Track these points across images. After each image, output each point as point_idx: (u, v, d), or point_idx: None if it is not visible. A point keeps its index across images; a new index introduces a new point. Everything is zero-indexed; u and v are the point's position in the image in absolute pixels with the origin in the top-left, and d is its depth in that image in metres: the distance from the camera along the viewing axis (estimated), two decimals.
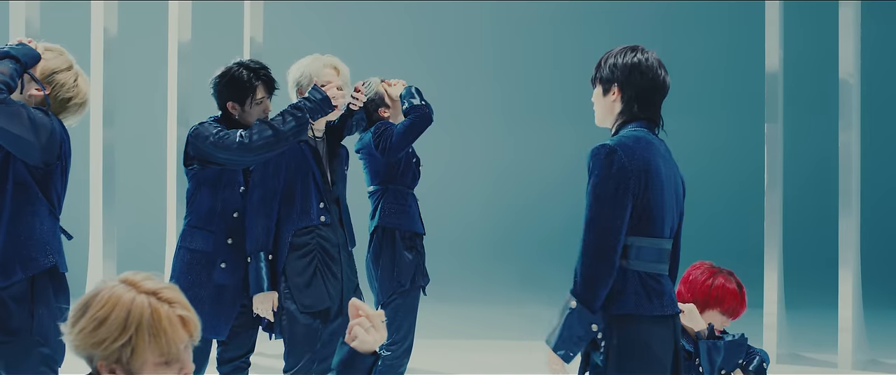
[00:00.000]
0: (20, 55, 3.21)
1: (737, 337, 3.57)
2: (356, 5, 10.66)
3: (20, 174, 3.26)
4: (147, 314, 2.04)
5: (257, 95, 3.94)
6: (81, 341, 2.02)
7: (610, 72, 3.12)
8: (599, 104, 3.17)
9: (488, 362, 6.68)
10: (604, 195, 3.01)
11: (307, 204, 3.97)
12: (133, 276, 2.08)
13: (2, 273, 3.21)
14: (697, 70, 11.12)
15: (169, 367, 2.06)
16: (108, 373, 2.04)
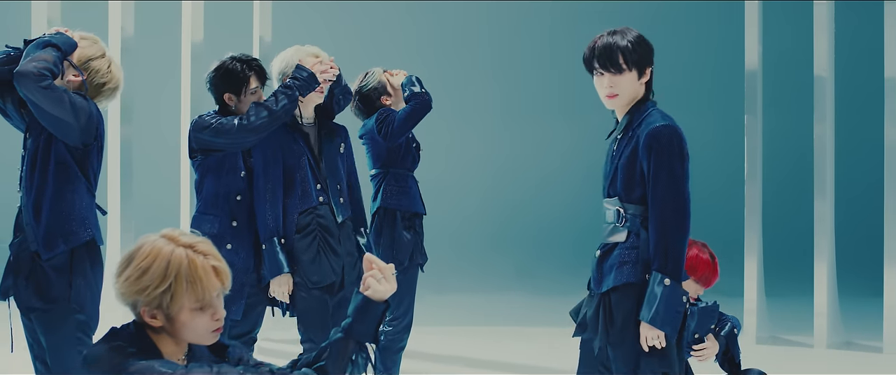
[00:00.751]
0: (60, 43, 3.35)
1: (710, 304, 3.68)
2: (359, 6, 10.54)
3: (61, 154, 3.39)
4: (185, 264, 2.22)
5: (251, 85, 4.04)
6: (126, 289, 2.22)
7: (645, 55, 3.08)
8: (631, 87, 3.09)
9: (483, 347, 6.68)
10: (680, 173, 3.01)
11: (307, 187, 4.07)
12: (171, 232, 2.27)
13: (45, 245, 3.35)
14: (683, 67, 11.00)
15: (203, 312, 2.25)
16: (149, 318, 2.23)
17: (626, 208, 3.06)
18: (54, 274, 3.36)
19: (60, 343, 3.35)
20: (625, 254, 3.02)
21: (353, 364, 2.33)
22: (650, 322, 2.93)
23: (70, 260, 3.38)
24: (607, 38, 3.09)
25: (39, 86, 3.21)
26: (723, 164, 10.35)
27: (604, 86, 3.08)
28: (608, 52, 3.05)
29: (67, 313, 3.36)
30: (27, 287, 3.36)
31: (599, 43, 3.09)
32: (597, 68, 3.09)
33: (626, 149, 3.09)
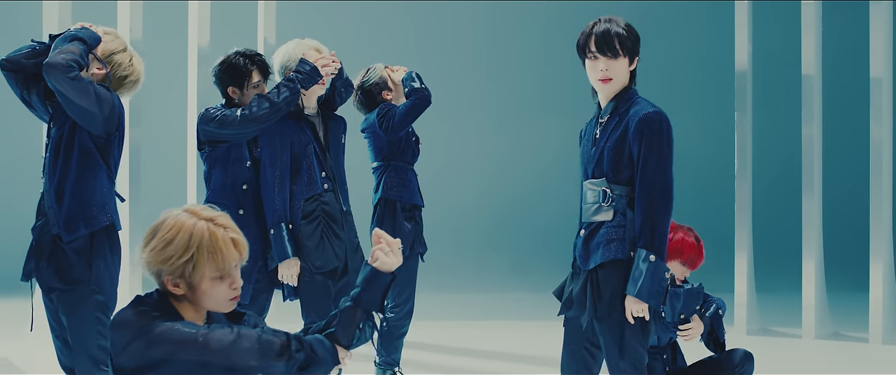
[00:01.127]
0: (86, 37, 3.46)
1: (695, 287, 3.75)
2: (359, 7, 10.52)
3: (84, 143, 3.49)
4: (206, 236, 2.35)
5: (253, 79, 4.15)
6: (152, 259, 2.35)
7: (636, 44, 3.21)
8: (623, 73, 3.19)
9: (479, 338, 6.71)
10: (667, 155, 3.13)
11: (313, 174, 4.15)
12: (193, 207, 2.41)
13: (67, 229, 3.45)
14: (674, 67, 11.00)
15: (222, 281, 2.38)
16: (172, 286, 2.36)
17: (612, 188, 3.16)
18: (75, 256, 3.46)
19: (80, 322, 3.45)
20: (612, 232, 3.13)
21: (360, 330, 2.46)
22: (636, 295, 3.05)
23: (90, 244, 3.48)
24: (604, 24, 3.20)
25: (67, 77, 3.32)
26: (713, 162, 10.32)
27: (599, 69, 3.18)
28: (606, 37, 3.16)
29: (87, 294, 3.46)
30: (48, 268, 3.47)
31: (597, 28, 3.19)
32: (593, 52, 3.18)
33: (614, 133, 3.19)
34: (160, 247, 2.34)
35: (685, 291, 3.65)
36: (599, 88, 3.22)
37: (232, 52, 4.21)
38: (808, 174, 6.99)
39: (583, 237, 3.22)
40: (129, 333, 2.30)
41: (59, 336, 3.55)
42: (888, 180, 6.88)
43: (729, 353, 3.96)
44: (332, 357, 2.39)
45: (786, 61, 9.03)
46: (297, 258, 4.06)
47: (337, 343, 2.41)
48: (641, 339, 3.14)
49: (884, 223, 6.74)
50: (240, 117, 3.98)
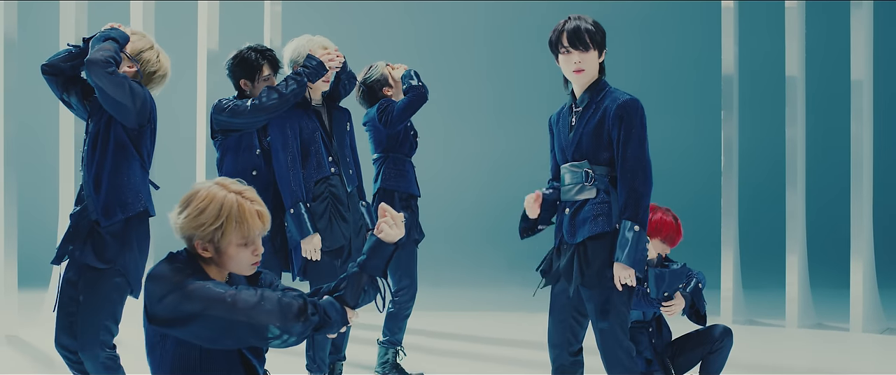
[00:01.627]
0: (118, 37, 3.67)
1: (678, 267, 4.02)
2: (361, 9, 10.66)
3: (119, 135, 3.67)
4: (235, 207, 2.58)
5: (264, 72, 4.39)
6: (185, 225, 2.58)
7: (603, 37, 3.46)
8: (594, 64, 3.45)
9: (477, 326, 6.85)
10: (645, 138, 3.41)
11: (320, 159, 4.36)
12: (223, 180, 2.65)
13: (105, 215, 3.62)
14: (664, 71, 11.11)
15: (246, 248, 2.62)
16: (202, 250, 2.60)
17: (594, 169, 3.43)
18: (111, 238, 3.63)
19: (97, 301, 3.61)
20: (598, 208, 3.39)
21: (365, 293, 2.68)
22: (624, 262, 3.31)
23: (125, 229, 3.66)
24: (574, 21, 3.46)
25: (105, 72, 3.52)
26: (701, 163, 10.37)
27: (572, 62, 3.44)
28: (577, 33, 3.42)
29: (111, 275, 3.63)
30: (85, 249, 3.61)
31: (568, 25, 3.45)
32: (566, 47, 3.43)
33: (592, 119, 3.45)
34: (194, 215, 2.57)
35: (669, 271, 3.92)
36: (574, 79, 3.48)
37: (244, 47, 4.44)
38: (792, 172, 7.14)
39: (568, 215, 3.45)
40: (165, 285, 2.52)
41: (68, 313, 3.66)
42: (868, 179, 7.01)
43: (709, 328, 4.18)
44: (342, 317, 2.62)
45: (771, 64, 9.17)
46: (318, 234, 4.21)
47: (345, 304, 2.64)
48: (626, 302, 3.39)
49: (864, 219, 6.89)
50: (250, 107, 4.20)
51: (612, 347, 3.39)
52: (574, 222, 3.43)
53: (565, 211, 3.48)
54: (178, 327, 2.50)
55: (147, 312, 2.56)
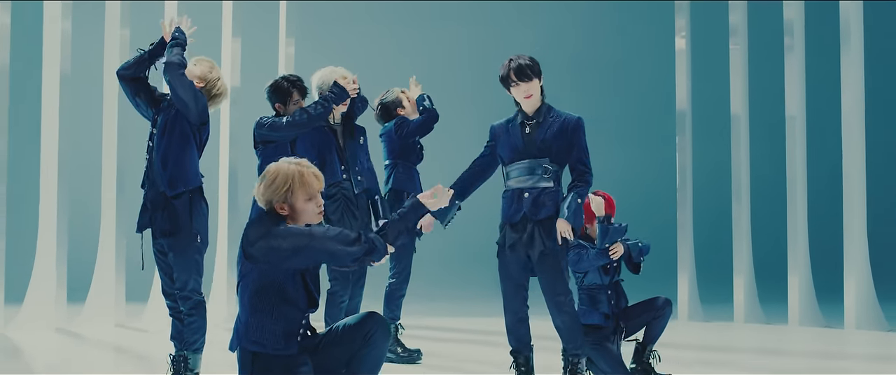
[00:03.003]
0: (181, 41, 4.45)
1: (619, 225, 4.77)
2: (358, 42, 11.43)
3: (183, 127, 4.41)
4: (296, 173, 3.41)
5: (293, 97, 5.11)
6: (264, 193, 3.41)
7: (539, 69, 4.41)
8: (538, 90, 4.43)
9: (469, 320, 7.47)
10: (586, 145, 4.42)
11: (334, 167, 5.10)
12: (286, 158, 3.48)
13: (170, 186, 4.37)
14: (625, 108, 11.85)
15: (311, 201, 3.42)
16: (280, 209, 3.40)
17: (551, 166, 4.41)
18: (180, 208, 4.38)
19: (184, 258, 4.37)
20: (553, 195, 4.40)
21: (400, 234, 3.52)
22: (566, 219, 4.31)
23: (190, 200, 4.41)
24: (517, 61, 4.42)
25: (178, 74, 4.33)
26: (658, 190, 10.95)
27: (522, 91, 4.41)
28: (521, 69, 4.39)
29: (191, 239, 4.39)
30: (162, 218, 4.37)
31: (513, 64, 4.42)
32: (515, 81, 4.39)
33: (548, 131, 4.43)
34: (268, 185, 3.42)
35: (612, 227, 4.75)
36: (524, 103, 4.47)
37: (279, 77, 5.25)
38: (737, 192, 7.93)
39: (529, 198, 4.40)
40: (261, 229, 3.34)
41: (164, 271, 4.46)
42: (802, 198, 7.74)
43: (653, 299, 4.95)
44: (384, 249, 3.47)
45: (718, 98, 9.77)
46: None
47: (386, 240, 3.49)
48: (566, 266, 4.40)
49: (798, 232, 7.64)
50: (285, 123, 4.98)
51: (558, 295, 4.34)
52: (536, 204, 4.39)
53: (525, 195, 4.41)
54: (270, 257, 3.29)
55: (243, 252, 3.36)
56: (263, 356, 3.34)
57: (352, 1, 11.79)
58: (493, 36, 11.95)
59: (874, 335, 7.05)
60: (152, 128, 4.56)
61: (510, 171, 4.49)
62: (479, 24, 12.19)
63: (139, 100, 4.58)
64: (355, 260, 3.41)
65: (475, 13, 12.22)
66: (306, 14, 10.40)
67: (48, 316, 6.94)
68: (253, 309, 3.37)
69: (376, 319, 3.42)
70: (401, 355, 5.61)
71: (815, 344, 6.70)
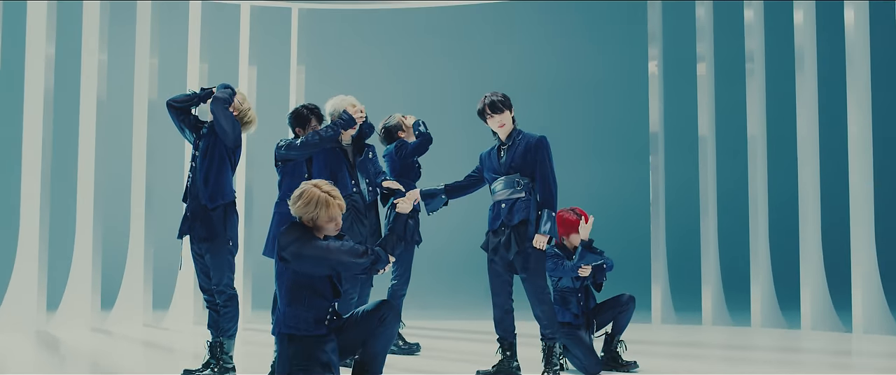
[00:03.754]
0: (233, 90, 5.16)
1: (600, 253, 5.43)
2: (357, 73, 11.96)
3: (221, 151, 5.09)
4: (325, 201, 4.10)
5: (311, 123, 5.74)
6: (297, 210, 4.11)
7: (510, 102, 5.12)
8: (509, 120, 5.13)
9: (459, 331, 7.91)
10: (551, 161, 5.06)
11: (345, 182, 5.70)
12: (318, 182, 4.15)
13: (210, 200, 5.02)
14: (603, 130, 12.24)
15: (331, 222, 4.11)
16: (307, 222, 4.09)
17: (522, 179, 5.09)
18: (216, 218, 5.06)
19: (219, 259, 5.05)
20: (525, 203, 5.07)
21: (395, 245, 4.26)
22: (542, 233, 4.98)
23: (224, 211, 5.09)
24: (490, 97, 5.13)
25: (224, 107, 5.06)
26: (633, 205, 11.41)
27: (496, 122, 5.12)
28: (494, 104, 5.12)
29: (224, 243, 5.07)
30: (201, 226, 5.03)
31: (487, 100, 5.13)
32: (490, 114, 5.11)
33: (516, 151, 5.09)
34: (302, 205, 4.13)
35: (589, 255, 5.46)
36: (499, 131, 5.18)
37: (300, 106, 5.88)
38: (705, 206, 8.41)
39: (505, 207, 5.10)
40: (291, 237, 4.04)
41: (202, 271, 5.13)
42: (763, 212, 8.19)
43: (619, 296, 5.63)
44: (386, 259, 4.18)
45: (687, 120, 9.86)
46: None
47: (386, 250, 4.24)
48: (541, 259, 5.05)
49: (760, 244, 8.12)
50: (300, 144, 5.58)
51: (536, 287, 5.04)
52: (511, 211, 5.09)
53: (502, 205, 5.12)
54: (297, 261, 4.01)
55: (278, 254, 4.06)
56: (298, 337, 4.06)
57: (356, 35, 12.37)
58: (480, 66, 12.48)
59: (829, 335, 7.56)
60: (194, 150, 5.22)
61: (493, 188, 5.21)
62: (466, 57, 12.71)
63: (184, 126, 5.26)
64: (364, 269, 4.14)
65: (464, 47, 12.77)
66: (315, 44, 10.89)
67: (84, 317, 7.65)
68: (289, 301, 4.10)
69: (389, 306, 4.14)
70: (402, 347, 6.25)
71: (774, 343, 7.15)
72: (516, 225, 5.10)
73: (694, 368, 5.74)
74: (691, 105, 9.00)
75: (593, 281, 5.62)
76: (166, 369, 5.59)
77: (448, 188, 5.34)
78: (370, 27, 12.69)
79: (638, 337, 7.17)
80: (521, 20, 12.99)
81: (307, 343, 4.07)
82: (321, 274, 4.09)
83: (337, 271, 4.15)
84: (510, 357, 5.21)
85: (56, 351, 6.52)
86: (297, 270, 4.06)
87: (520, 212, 5.10)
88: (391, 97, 11.98)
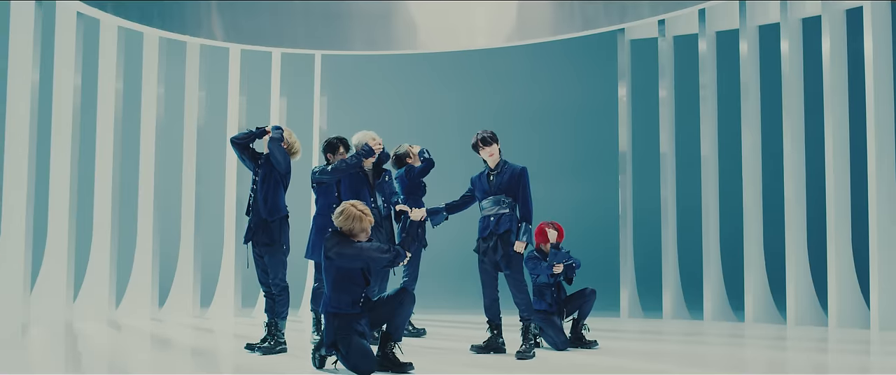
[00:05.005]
0: (282, 130, 6.25)
1: (566, 252, 6.49)
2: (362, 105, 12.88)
3: (276, 176, 6.18)
4: (359, 218, 5.32)
5: (339, 151, 6.76)
6: (340, 221, 5.31)
7: (497, 137, 6.14)
8: (497, 151, 6.10)
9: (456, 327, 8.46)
10: (529, 186, 6.07)
11: (365, 199, 6.63)
12: (355, 202, 5.35)
13: (269, 214, 6.09)
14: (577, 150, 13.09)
15: (363, 232, 5.30)
16: (346, 232, 5.28)
17: (506, 199, 6.12)
18: (274, 228, 6.18)
19: (275, 260, 6.16)
20: (509, 217, 6.09)
21: (411, 244, 5.50)
22: (521, 240, 6.06)
23: (280, 223, 6.20)
24: (481, 134, 6.13)
25: (279, 144, 6.17)
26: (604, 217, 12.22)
27: (487, 153, 6.14)
28: (485, 139, 6.14)
29: (279, 248, 6.19)
30: (261, 235, 6.14)
31: (479, 136, 6.14)
32: (481, 147, 6.11)
33: (504, 177, 6.10)
34: (342, 219, 5.33)
35: (559, 253, 6.55)
36: (489, 161, 6.21)
37: (332, 137, 6.89)
38: (665, 218, 9.27)
39: (494, 220, 6.13)
40: (334, 241, 5.28)
41: (261, 268, 6.25)
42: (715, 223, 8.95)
43: (583, 289, 6.73)
44: (404, 255, 5.37)
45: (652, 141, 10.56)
46: None
47: (404, 249, 5.46)
48: (520, 261, 6.09)
49: (711, 250, 8.87)
50: (331, 169, 6.65)
51: (516, 281, 6.06)
52: (498, 223, 6.15)
53: (490, 218, 6.16)
54: (339, 259, 5.24)
55: (325, 254, 5.28)
56: (340, 314, 5.39)
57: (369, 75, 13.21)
58: (475, 102, 13.30)
59: (768, 326, 8.38)
60: (254, 176, 6.36)
61: (483, 204, 6.31)
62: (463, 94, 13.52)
63: (245, 158, 6.40)
64: (388, 263, 5.37)
65: (461, 85, 13.56)
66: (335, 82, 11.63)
67: (145, 309, 8.99)
68: (333, 288, 5.44)
69: (406, 291, 5.43)
70: (411, 331, 7.41)
71: (723, 331, 7.98)
72: (502, 234, 6.14)
73: (650, 349, 6.69)
74: (655, 128, 9.70)
75: (565, 277, 6.73)
76: (226, 349, 6.81)
77: (448, 206, 6.44)
78: (381, 69, 13.52)
79: (608, 327, 8.20)
80: (510, 61, 13.77)
81: (346, 319, 5.38)
82: (356, 267, 5.35)
83: (368, 264, 5.38)
84: (497, 335, 6.39)
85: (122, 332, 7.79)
86: (339, 265, 5.34)
87: (504, 224, 6.15)
88: (399, 127, 12.88)
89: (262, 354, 6.27)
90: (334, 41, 10.17)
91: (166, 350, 6.72)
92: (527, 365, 5.88)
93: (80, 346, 6.92)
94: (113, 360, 6.18)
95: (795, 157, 8.61)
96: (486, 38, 10.34)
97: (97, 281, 8.73)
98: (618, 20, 9.65)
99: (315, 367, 5.55)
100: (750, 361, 6.14)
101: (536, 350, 6.50)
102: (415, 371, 5.44)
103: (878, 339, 7.41)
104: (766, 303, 8.83)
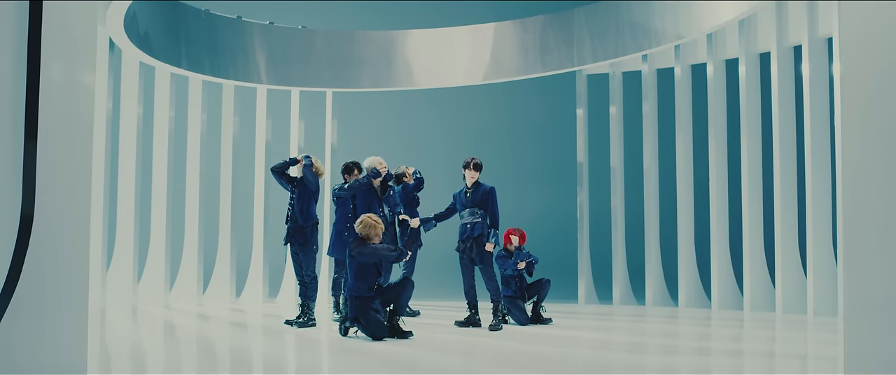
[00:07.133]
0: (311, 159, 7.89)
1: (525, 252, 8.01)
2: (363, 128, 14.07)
3: (308, 193, 7.60)
4: (374, 227, 7.07)
5: (354, 172, 8.09)
6: (358, 229, 7.07)
7: (481, 164, 7.76)
8: (476, 176, 7.43)
9: None
10: (496, 201, 7.53)
11: (375, 210, 7.84)
12: (370, 215, 7.08)
13: (304, 221, 7.57)
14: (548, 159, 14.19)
15: (376, 237, 7.04)
16: (364, 237, 7.05)
17: (479, 211, 7.42)
18: (308, 232, 7.67)
19: (308, 258, 7.65)
20: (481, 224, 7.42)
21: (410, 245, 7.68)
22: (490, 242, 7.43)
23: (313, 229, 7.69)
24: (472, 160, 7.35)
25: (310, 169, 7.69)
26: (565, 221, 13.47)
27: (470, 177, 7.38)
28: (477, 165, 7.42)
29: (311, 247, 7.66)
30: (299, 237, 7.60)
31: (471, 162, 7.41)
32: (471, 170, 7.36)
33: (477, 194, 7.38)
34: (361, 227, 7.01)
35: (522, 253, 8.07)
36: (468, 181, 7.43)
37: (349, 161, 8.36)
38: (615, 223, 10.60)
39: (470, 226, 7.51)
40: (357, 244, 7.00)
41: (296, 263, 7.71)
42: (655, 227, 10.20)
43: (541, 279, 8.25)
44: (405, 253, 7.02)
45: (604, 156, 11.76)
46: None
47: (405, 248, 7.30)
48: (491, 260, 7.55)
49: (652, 251, 10.13)
50: (348, 187, 8.09)
51: (488, 273, 7.46)
52: (473, 229, 7.57)
53: (467, 225, 7.58)
54: (359, 256, 6.90)
55: (349, 253, 6.96)
56: (360, 297, 7.12)
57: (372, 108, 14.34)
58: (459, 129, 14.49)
59: (697, 310, 9.68)
60: (291, 193, 7.84)
61: (462, 215, 7.73)
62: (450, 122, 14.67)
63: (282, 181, 7.89)
64: (394, 259, 7.00)
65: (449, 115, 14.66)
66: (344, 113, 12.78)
67: (192, 295, 10.68)
68: (355, 277, 7.15)
69: (408, 279, 7.13)
70: (408, 312, 9.06)
71: (660, 315, 9.26)
72: (476, 237, 7.58)
73: (598, 325, 8.00)
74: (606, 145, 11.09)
75: (527, 270, 8.31)
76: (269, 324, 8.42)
77: (436, 216, 7.93)
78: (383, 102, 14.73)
79: (568, 311, 9.59)
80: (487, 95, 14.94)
81: (364, 300, 7.14)
82: (372, 262, 7.07)
83: (380, 260, 7.08)
84: (474, 313, 8.00)
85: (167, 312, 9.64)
86: (360, 261, 7.08)
87: (478, 230, 7.56)
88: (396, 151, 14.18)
89: (299, 328, 7.89)
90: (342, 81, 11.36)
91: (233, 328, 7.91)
92: (496, 335, 7.31)
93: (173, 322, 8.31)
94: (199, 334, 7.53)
95: (720, 169, 9.78)
96: (466, 76, 11.45)
97: (154, 272, 10.38)
98: (577, 63, 10.90)
99: (341, 335, 7.29)
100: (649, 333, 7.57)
101: (504, 324, 8.05)
102: (413, 338, 7.09)
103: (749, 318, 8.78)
104: (696, 290, 10.16)
